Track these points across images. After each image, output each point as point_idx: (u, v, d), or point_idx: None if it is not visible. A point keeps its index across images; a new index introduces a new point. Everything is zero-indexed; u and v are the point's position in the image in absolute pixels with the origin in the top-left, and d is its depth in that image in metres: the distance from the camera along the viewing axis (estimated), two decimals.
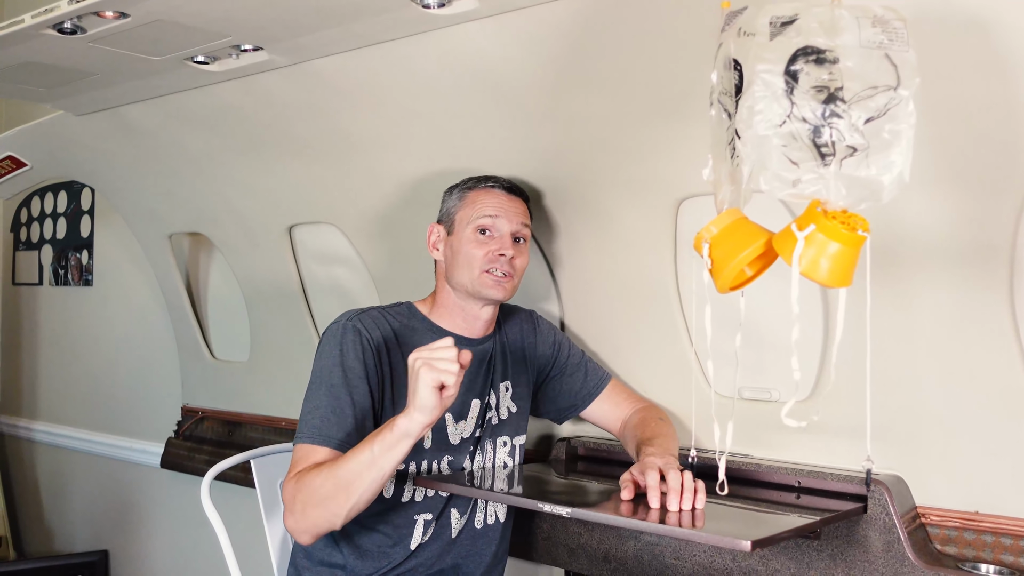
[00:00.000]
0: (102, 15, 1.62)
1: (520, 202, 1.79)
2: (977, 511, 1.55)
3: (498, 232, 1.74)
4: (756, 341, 1.69)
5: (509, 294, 1.74)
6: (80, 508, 3.74)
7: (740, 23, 1.11)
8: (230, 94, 2.10)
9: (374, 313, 1.73)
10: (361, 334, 1.66)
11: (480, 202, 1.75)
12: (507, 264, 1.72)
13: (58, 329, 3.86)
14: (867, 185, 1.05)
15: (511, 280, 1.73)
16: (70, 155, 2.77)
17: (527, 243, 1.79)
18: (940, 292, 1.52)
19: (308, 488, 1.51)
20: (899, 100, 1.05)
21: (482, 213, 1.73)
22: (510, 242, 1.73)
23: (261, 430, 2.83)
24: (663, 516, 1.40)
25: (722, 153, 1.14)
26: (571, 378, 1.89)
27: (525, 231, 1.77)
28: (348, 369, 1.63)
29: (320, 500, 1.50)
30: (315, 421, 1.60)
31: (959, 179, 1.42)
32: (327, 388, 1.62)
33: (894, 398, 1.58)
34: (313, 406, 1.62)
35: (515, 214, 1.76)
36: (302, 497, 1.52)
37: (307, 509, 1.51)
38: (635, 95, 1.65)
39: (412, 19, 1.63)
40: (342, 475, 1.49)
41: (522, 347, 1.88)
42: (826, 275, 1.08)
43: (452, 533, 1.75)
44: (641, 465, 1.53)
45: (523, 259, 1.76)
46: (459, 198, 1.78)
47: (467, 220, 1.74)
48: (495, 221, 1.73)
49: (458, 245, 1.74)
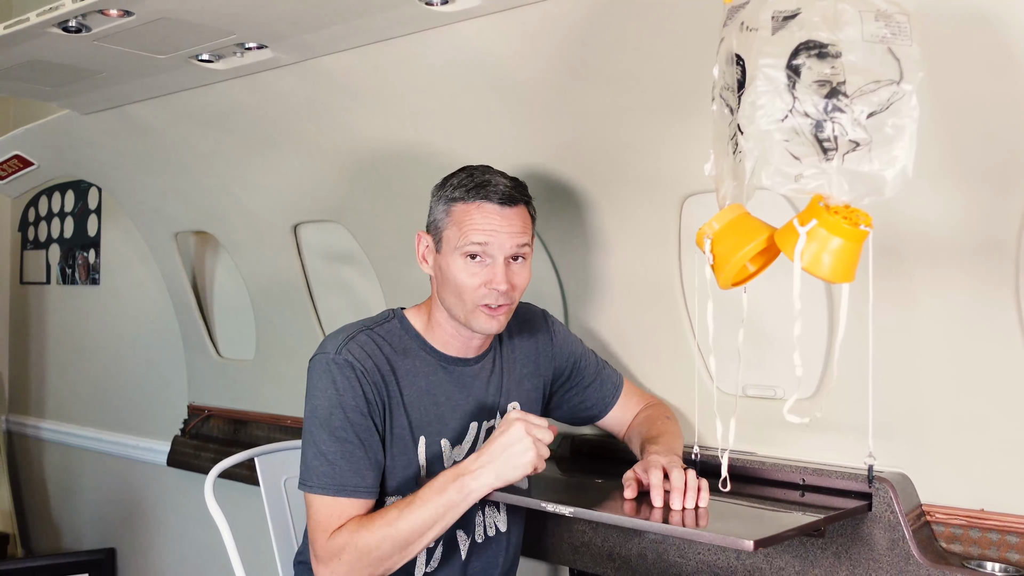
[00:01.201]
0: (106, 13, 1.62)
1: (518, 212, 1.55)
2: (983, 509, 1.54)
3: (490, 258, 1.53)
4: (761, 338, 1.68)
5: (503, 325, 1.58)
6: (87, 506, 3.76)
7: (742, 17, 1.10)
8: (236, 92, 2.10)
9: (362, 339, 1.57)
10: (355, 368, 1.53)
11: (469, 222, 1.52)
12: (502, 296, 1.54)
13: (65, 328, 3.88)
14: (870, 180, 1.04)
15: (507, 308, 1.56)
16: (76, 154, 2.78)
17: (528, 259, 1.59)
18: (946, 289, 1.51)
19: (361, 548, 1.46)
20: (902, 94, 1.04)
21: (471, 239, 1.52)
22: (503, 272, 1.52)
23: (267, 428, 2.83)
24: (666, 515, 1.40)
25: (724, 148, 1.14)
26: (588, 390, 1.80)
27: (524, 249, 1.56)
28: (349, 409, 1.52)
29: (375, 560, 1.46)
30: (325, 469, 1.51)
31: (965, 175, 1.42)
32: (329, 432, 1.52)
33: (899, 395, 1.57)
34: (318, 451, 1.52)
35: (511, 234, 1.53)
36: (351, 558, 1.46)
37: (356, 568, 1.47)
38: (641, 91, 1.65)
39: (416, 16, 1.63)
40: (402, 535, 1.44)
41: (535, 360, 1.76)
42: (828, 270, 1.08)
43: (462, 555, 1.68)
44: (644, 463, 1.52)
45: (522, 277, 1.57)
46: (446, 211, 1.56)
47: (454, 243, 1.54)
48: (487, 246, 1.52)
49: (446, 268, 1.55)
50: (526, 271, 1.59)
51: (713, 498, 1.46)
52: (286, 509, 1.97)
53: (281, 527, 1.95)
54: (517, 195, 1.57)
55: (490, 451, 1.43)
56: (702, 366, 1.82)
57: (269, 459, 1.97)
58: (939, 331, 1.54)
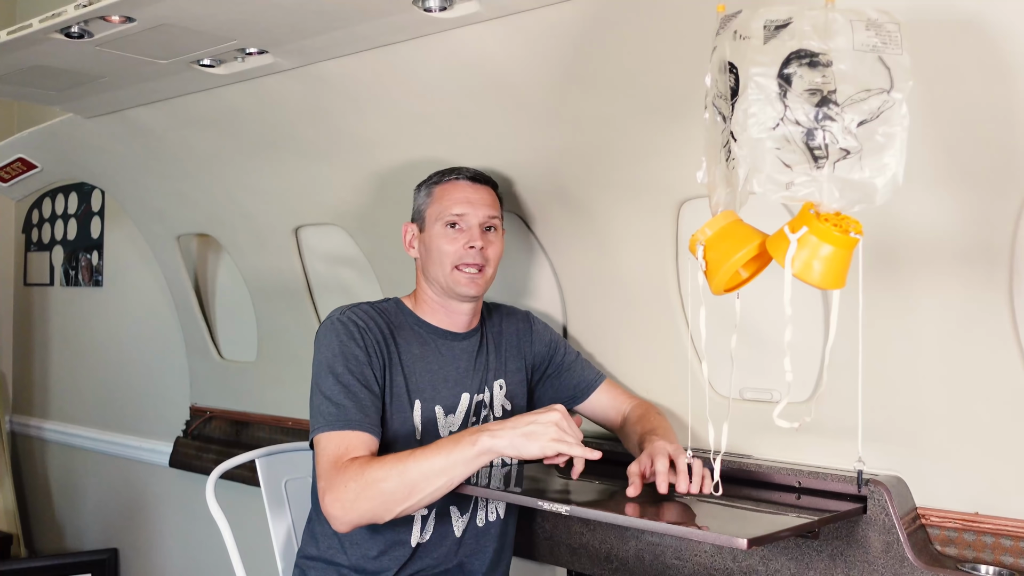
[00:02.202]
0: (108, 19, 1.64)
1: (487, 191, 1.79)
2: (977, 512, 1.55)
3: (466, 224, 1.74)
4: (757, 342, 1.69)
5: (483, 288, 1.76)
6: (90, 506, 3.77)
7: (735, 26, 1.11)
8: (237, 96, 2.11)
9: (364, 307, 1.75)
10: (356, 324, 1.68)
11: (447, 197, 1.76)
12: (478, 255, 1.73)
13: (69, 329, 3.90)
14: (860, 188, 1.06)
15: (483, 274, 1.75)
16: (80, 157, 2.80)
17: (499, 231, 1.80)
18: (940, 293, 1.52)
19: (367, 478, 1.49)
20: (892, 103, 1.05)
21: (450, 211, 1.74)
22: (479, 233, 1.74)
23: (268, 429, 2.85)
24: (661, 514, 1.41)
25: (716, 156, 1.15)
26: (568, 373, 1.90)
27: (495, 220, 1.78)
28: (351, 357, 1.64)
29: (378, 493, 1.48)
30: (331, 409, 1.59)
31: (959, 180, 1.43)
32: (335, 378, 1.62)
33: (894, 399, 1.58)
34: (324, 396, 1.61)
35: (482, 205, 1.76)
36: (357, 487, 1.49)
37: (360, 499, 1.49)
38: (637, 97, 1.66)
39: (415, 22, 1.64)
40: (410, 474, 1.48)
41: (517, 345, 1.89)
42: (819, 277, 1.09)
43: (456, 532, 1.76)
44: (651, 449, 1.55)
45: (495, 248, 1.77)
46: (427, 194, 1.80)
47: (436, 216, 1.76)
48: (463, 216, 1.74)
49: (429, 241, 1.76)
50: (499, 242, 1.79)
51: (709, 500, 1.47)
52: (287, 510, 1.99)
53: (281, 528, 1.97)
54: (483, 177, 1.81)
55: (515, 420, 1.49)
56: (699, 370, 1.83)
57: (270, 461, 1.98)
58: (934, 334, 1.55)
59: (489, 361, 1.84)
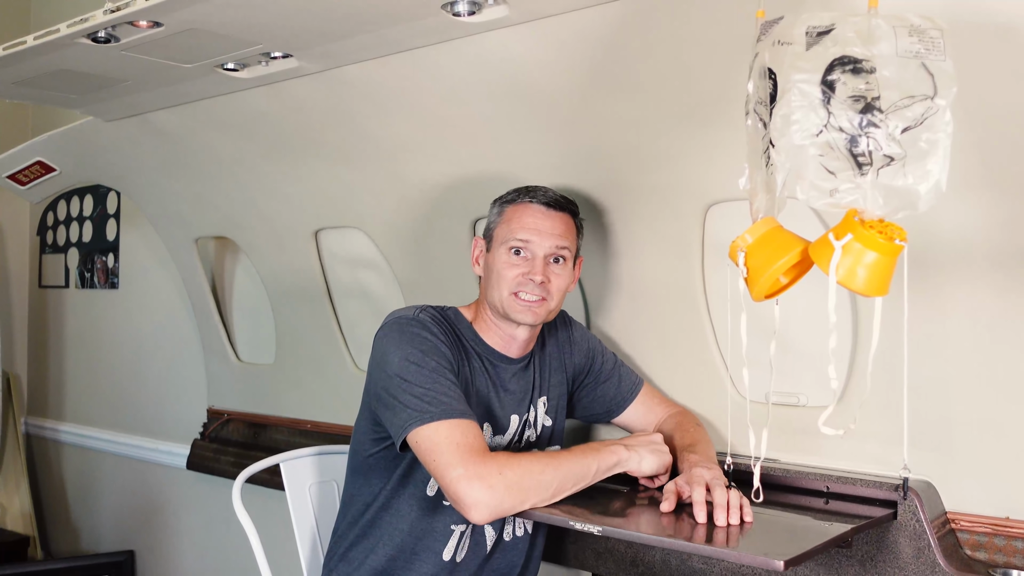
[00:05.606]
0: (136, 24, 1.64)
1: (562, 218, 1.69)
2: (1008, 517, 1.54)
3: (531, 254, 1.66)
4: (783, 346, 1.68)
5: (542, 318, 1.69)
6: (106, 509, 3.78)
7: (776, 33, 1.11)
8: (259, 100, 2.11)
9: (430, 310, 1.70)
10: (432, 328, 1.64)
11: (516, 220, 1.68)
12: (537, 288, 1.65)
13: (84, 331, 3.90)
14: (904, 194, 1.05)
15: (545, 304, 1.67)
16: (99, 160, 2.80)
17: (567, 262, 1.70)
18: (973, 298, 1.51)
19: (523, 468, 1.48)
20: (936, 109, 1.05)
21: (516, 236, 1.66)
22: (542, 266, 1.66)
23: (286, 432, 2.85)
24: (697, 533, 1.41)
25: (758, 162, 1.14)
26: (605, 385, 1.86)
27: (564, 252, 1.68)
28: (440, 355, 1.60)
29: (532, 484, 1.48)
30: (437, 399, 1.53)
31: (995, 185, 1.42)
32: (428, 372, 1.56)
33: (924, 403, 1.57)
34: (424, 389, 1.54)
35: (552, 234, 1.67)
36: (512, 475, 1.46)
37: (512, 487, 1.46)
38: (664, 101, 1.66)
39: (443, 26, 1.64)
40: (565, 473, 1.51)
41: (559, 357, 1.85)
42: (863, 284, 1.09)
43: (487, 548, 1.74)
44: (687, 476, 1.54)
45: (561, 280, 1.68)
46: (499, 213, 1.72)
47: (502, 239, 1.68)
48: (528, 243, 1.66)
49: (493, 262, 1.70)
50: (566, 274, 1.71)
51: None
52: (311, 515, 1.98)
53: (306, 533, 1.96)
54: (563, 202, 1.71)
55: (639, 440, 1.64)
56: (726, 375, 1.82)
57: (294, 465, 1.98)
58: (965, 339, 1.54)
59: (534, 379, 1.80)
